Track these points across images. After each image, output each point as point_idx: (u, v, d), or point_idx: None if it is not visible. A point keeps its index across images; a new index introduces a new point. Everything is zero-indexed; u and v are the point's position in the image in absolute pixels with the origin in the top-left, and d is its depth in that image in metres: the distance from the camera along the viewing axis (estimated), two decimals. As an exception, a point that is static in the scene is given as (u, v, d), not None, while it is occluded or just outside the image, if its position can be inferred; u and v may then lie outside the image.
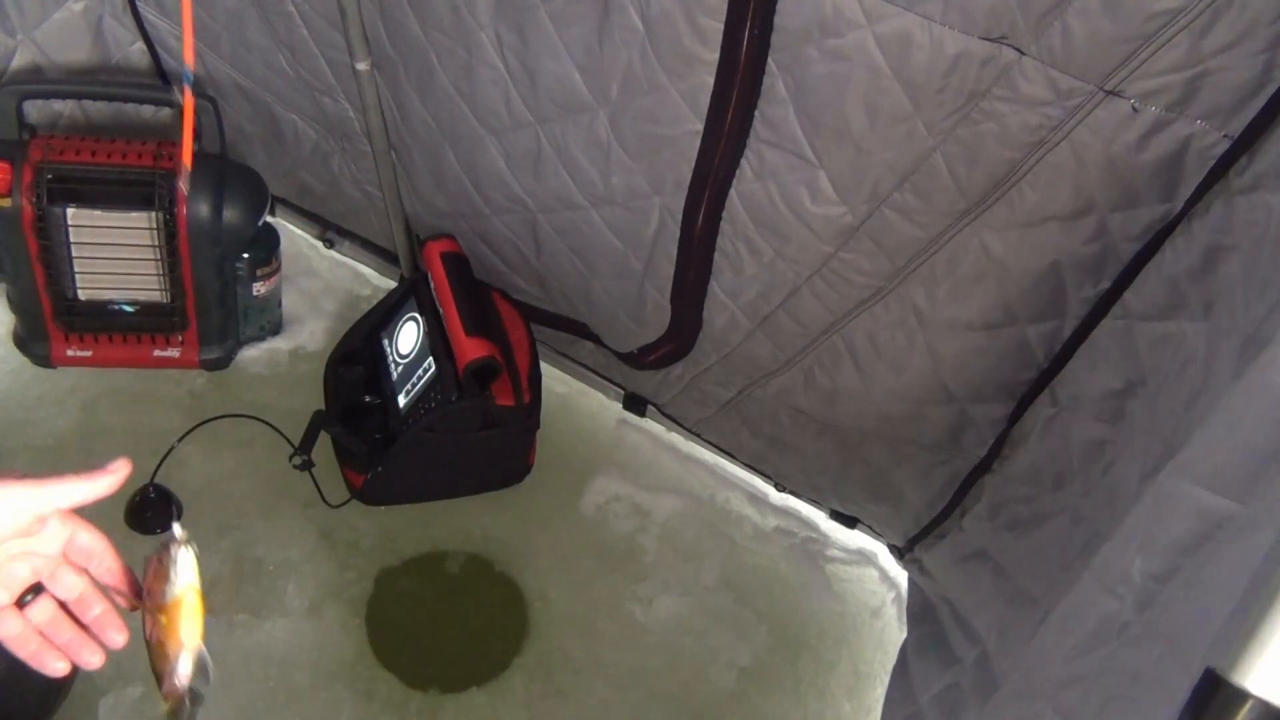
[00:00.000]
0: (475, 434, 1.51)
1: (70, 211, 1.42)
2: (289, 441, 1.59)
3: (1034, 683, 0.88)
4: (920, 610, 1.39)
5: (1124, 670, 0.76)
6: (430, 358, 1.49)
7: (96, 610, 0.75)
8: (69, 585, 0.74)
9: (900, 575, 1.63)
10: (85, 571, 0.75)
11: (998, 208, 0.98)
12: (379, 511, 1.58)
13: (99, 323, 1.58)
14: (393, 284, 1.85)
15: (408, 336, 1.56)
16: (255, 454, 1.60)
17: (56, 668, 0.73)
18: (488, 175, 1.37)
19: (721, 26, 0.98)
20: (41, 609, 0.73)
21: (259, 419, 1.61)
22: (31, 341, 1.59)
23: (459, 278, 1.52)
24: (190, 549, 0.74)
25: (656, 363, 1.49)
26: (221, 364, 1.67)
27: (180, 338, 1.62)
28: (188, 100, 1.16)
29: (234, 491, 1.56)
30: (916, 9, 0.87)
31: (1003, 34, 0.86)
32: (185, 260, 1.50)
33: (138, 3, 1.55)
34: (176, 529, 0.74)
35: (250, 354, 1.73)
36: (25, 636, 0.72)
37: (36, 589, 0.73)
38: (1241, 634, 0.55)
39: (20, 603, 0.72)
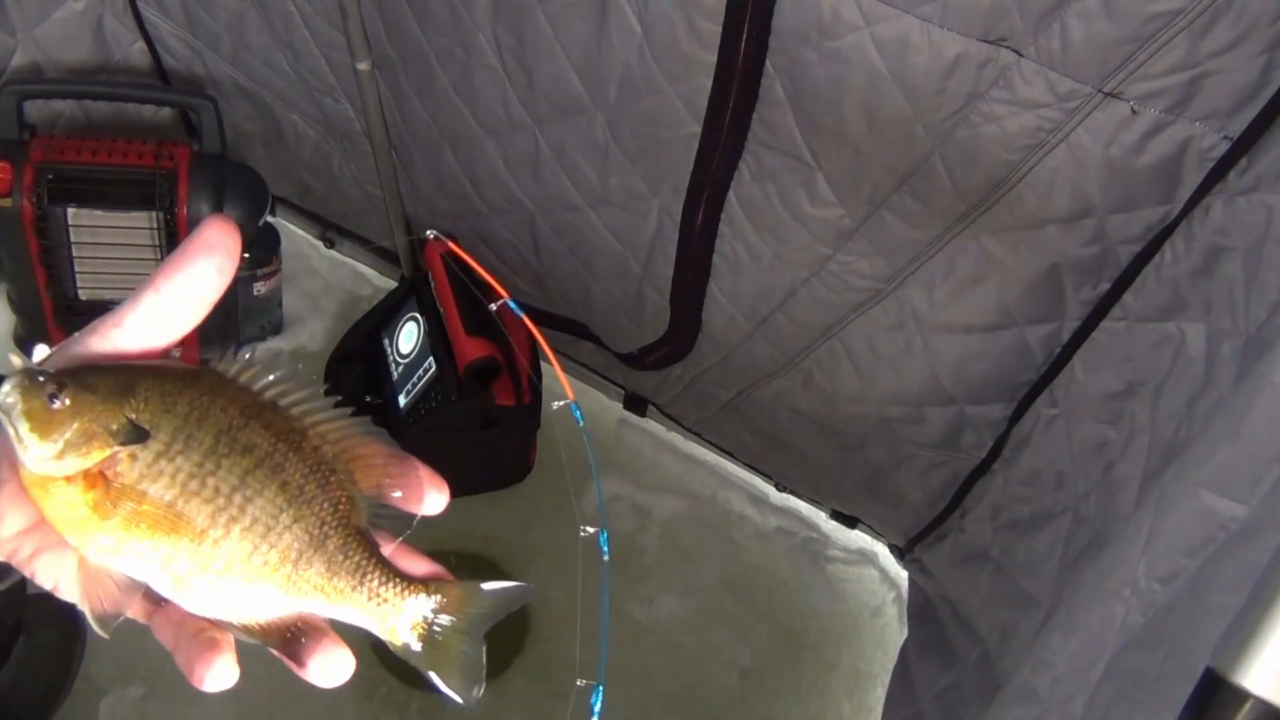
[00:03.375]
0: (475, 434, 1.50)
1: (71, 211, 1.42)
2: (289, 442, 1.59)
3: (1038, 685, 0.88)
4: (921, 610, 1.39)
5: (1129, 673, 0.76)
6: (431, 358, 1.49)
7: None
8: None
9: (901, 575, 1.63)
10: None
11: (996, 210, 0.98)
12: (379, 511, 1.58)
13: (100, 323, 1.58)
14: (393, 284, 1.85)
15: (408, 336, 1.56)
16: (256, 454, 1.60)
17: None
18: (486, 176, 1.37)
19: (719, 29, 0.98)
20: None
21: (259, 419, 1.61)
22: (32, 342, 1.59)
23: (459, 278, 1.52)
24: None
25: (656, 364, 1.49)
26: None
27: (181, 337, 1.62)
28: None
29: (234, 492, 1.56)
30: (915, 11, 0.87)
31: (1001, 36, 0.85)
32: (185, 261, 1.50)
33: (138, 2, 1.55)
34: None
35: (251, 354, 1.73)
36: None
37: None
38: (1241, 634, 0.55)
39: None
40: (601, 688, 0.63)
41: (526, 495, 1.65)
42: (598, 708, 0.69)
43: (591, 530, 0.44)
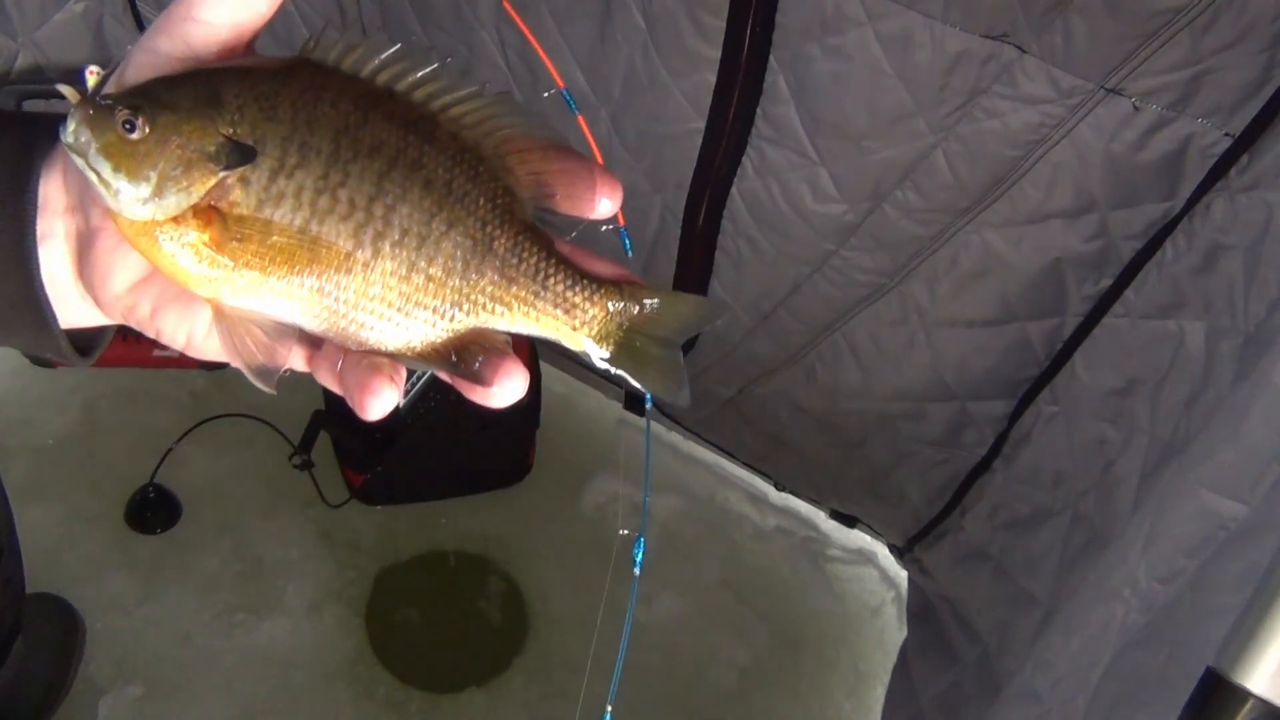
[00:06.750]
0: (475, 433, 1.50)
1: (70, 210, 1.42)
2: (289, 441, 1.59)
3: (1039, 686, 0.88)
4: (921, 610, 1.39)
5: (1130, 674, 0.76)
6: (430, 357, 1.49)
7: None
8: None
9: (900, 575, 1.63)
10: None
11: (999, 205, 0.98)
12: (379, 511, 1.57)
13: (99, 322, 1.57)
14: (393, 283, 1.85)
15: (408, 336, 1.56)
16: (255, 454, 1.60)
17: None
18: (488, 174, 1.37)
19: (723, 24, 0.98)
20: None
21: (259, 419, 1.61)
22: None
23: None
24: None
25: (657, 362, 1.49)
26: (221, 364, 1.67)
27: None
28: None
29: (234, 491, 1.56)
30: (918, 7, 0.87)
31: (1004, 32, 0.86)
32: (185, 259, 1.50)
33: (138, 3, 1.55)
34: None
35: (250, 353, 1.72)
36: None
37: None
38: (1241, 634, 0.55)
39: None
40: (643, 538, 0.60)
41: (526, 495, 1.65)
42: (639, 558, 0.67)
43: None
